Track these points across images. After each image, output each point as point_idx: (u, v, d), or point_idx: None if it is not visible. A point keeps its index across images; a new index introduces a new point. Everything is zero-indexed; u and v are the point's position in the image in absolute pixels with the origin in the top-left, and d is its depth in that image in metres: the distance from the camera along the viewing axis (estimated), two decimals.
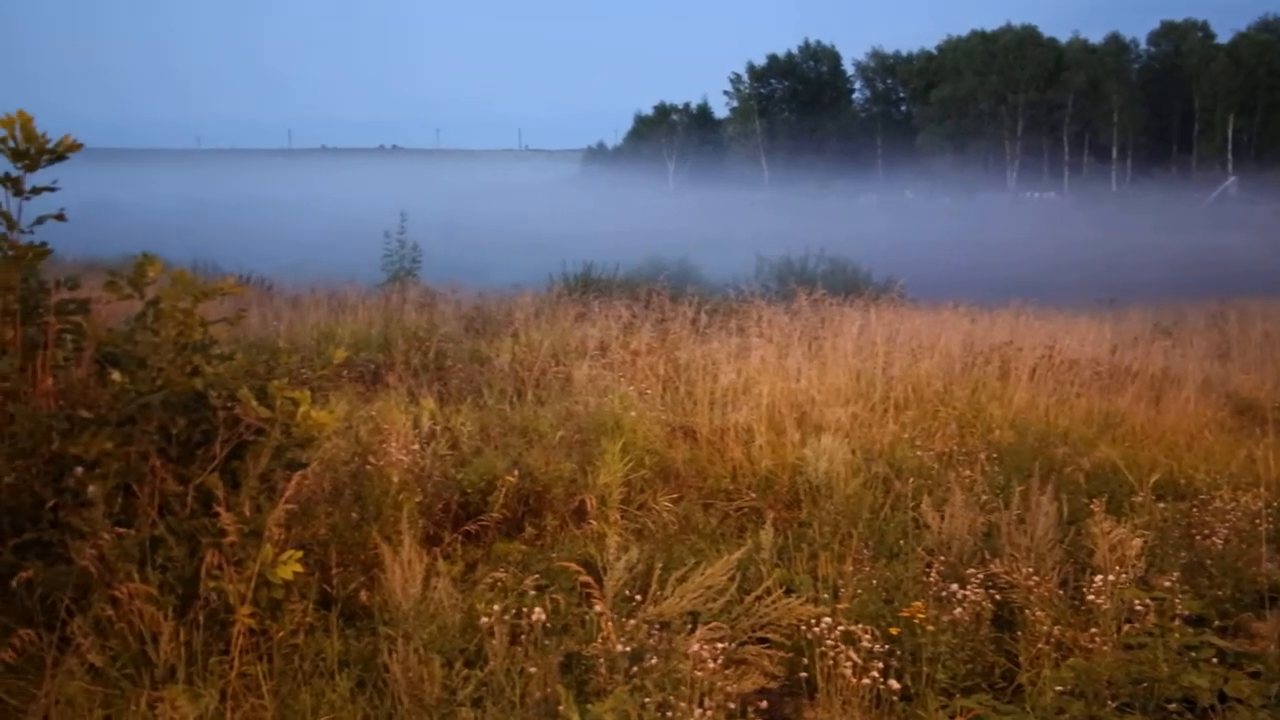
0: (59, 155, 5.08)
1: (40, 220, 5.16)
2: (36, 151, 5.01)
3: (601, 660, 4.57)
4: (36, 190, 5.11)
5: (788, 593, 5.55)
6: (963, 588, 5.45)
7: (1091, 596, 5.47)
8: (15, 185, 5.08)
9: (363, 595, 5.22)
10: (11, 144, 5.00)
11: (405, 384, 9.10)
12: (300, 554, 4.68)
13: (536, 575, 5.37)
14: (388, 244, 19.84)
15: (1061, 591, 5.70)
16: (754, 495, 7.42)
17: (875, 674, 4.60)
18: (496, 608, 4.68)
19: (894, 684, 4.64)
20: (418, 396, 8.46)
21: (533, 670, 4.41)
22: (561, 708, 4.20)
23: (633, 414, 7.96)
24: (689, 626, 4.89)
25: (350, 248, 25.05)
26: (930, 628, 5.06)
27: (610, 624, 4.64)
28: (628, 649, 4.56)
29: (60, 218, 5.19)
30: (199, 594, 4.56)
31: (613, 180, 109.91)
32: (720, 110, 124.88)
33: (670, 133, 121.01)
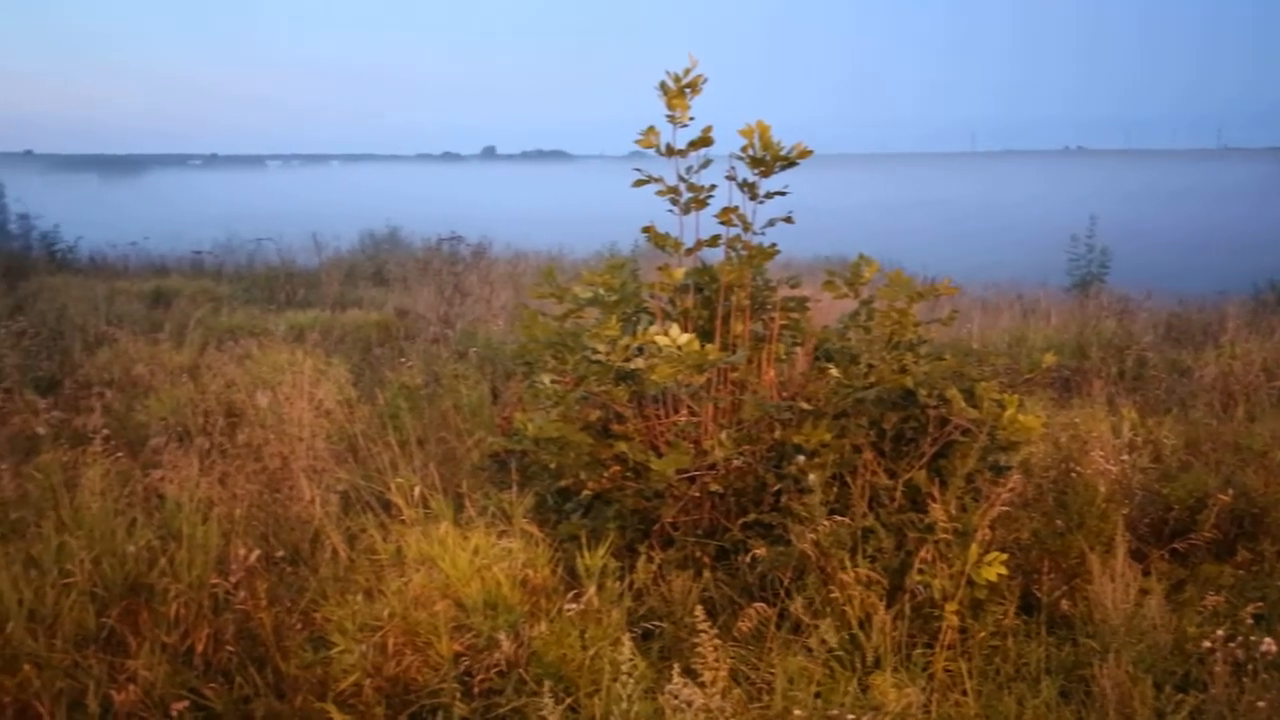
0: (791, 162, 5.41)
1: (771, 223, 5.54)
2: (772, 159, 5.37)
3: None
4: (770, 195, 5.49)
5: None
6: None
7: None
8: (751, 190, 5.48)
9: (1063, 604, 5.09)
10: (751, 152, 5.40)
11: (1104, 392, 8.78)
12: (1005, 556, 4.66)
13: (1258, 603, 4.96)
14: (1074, 247, 19.32)
15: None
16: None
17: None
18: (1220, 633, 4.38)
19: None
20: (1116, 405, 8.14)
21: (1260, 704, 4.07)
22: None
23: None
24: None
25: (1035, 251, 24.62)
26: None
27: None
28: None
29: (789, 220, 5.53)
30: (904, 586, 4.67)
31: None
32: None
33: None
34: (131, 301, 14.34)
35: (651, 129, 5.40)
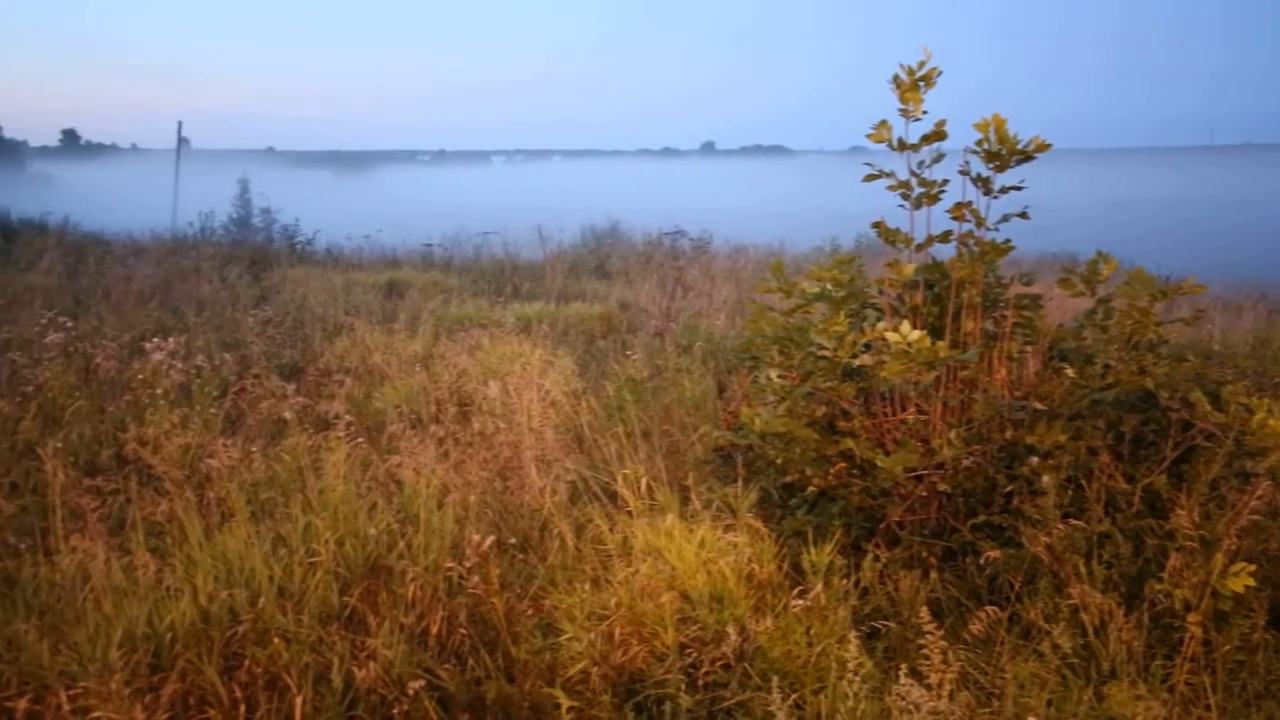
0: (1028, 156, 5.27)
1: (1005, 218, 5.40)
2: (1008, 153, 5.24)
3: None
4: (1004, 189, 5.35)
5: None
6: None
7: None
8: (985, 185, 5.36)
9: None
10: (986, 146, 5.28)
11: None
12: (1252, 567, 4.44)
13: None
14: None
15: None
16: None
17: None
18: None
19: None
20: None
21: None
22: None
23: None
24: None
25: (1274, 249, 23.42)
26: None
27: None
28: None
29: (1024, 216, 5.39)
30: (1143, 594, 4.51)
31: None
32: None
33: None
34: (367, 292, 14.90)
35: (883, 123, 5.34)
